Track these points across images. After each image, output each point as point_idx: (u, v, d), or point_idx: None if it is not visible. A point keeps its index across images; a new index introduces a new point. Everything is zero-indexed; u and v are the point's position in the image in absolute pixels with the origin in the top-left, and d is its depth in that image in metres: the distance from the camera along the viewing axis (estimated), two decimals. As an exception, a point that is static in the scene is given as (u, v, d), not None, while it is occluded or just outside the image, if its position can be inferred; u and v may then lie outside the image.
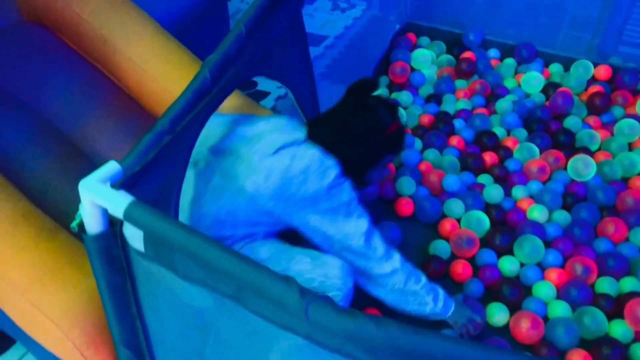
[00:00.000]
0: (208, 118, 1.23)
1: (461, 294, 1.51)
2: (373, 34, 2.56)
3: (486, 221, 1.65)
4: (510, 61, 2.30)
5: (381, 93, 1.42)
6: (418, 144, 1.94)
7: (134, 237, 0.90)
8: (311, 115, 1.75)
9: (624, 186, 1.79)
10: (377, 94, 1.43)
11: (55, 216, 1.29)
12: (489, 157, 1.88)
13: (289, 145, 1.30)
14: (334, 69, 2.40)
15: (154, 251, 0.90)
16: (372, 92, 1.41)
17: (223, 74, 1.20)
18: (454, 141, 1.95)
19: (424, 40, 2.44)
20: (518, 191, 1.76)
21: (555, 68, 2.26)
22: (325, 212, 1.26)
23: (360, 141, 1.36)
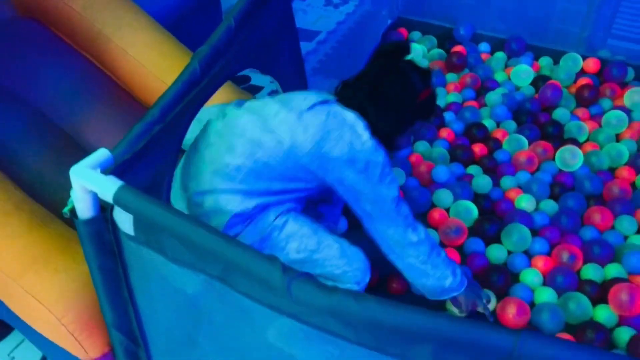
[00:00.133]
0: (199, 108, 1.26)
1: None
2: (365, 29, 2.59)
3: (474, 210, 1.68)
4: (501, 55, 2.33)
5: (414, 57, 1.36)
6: (409, 136, 1.96)
7: (124, 222, 0.93)
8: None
9: (610, 176, 1.82)
10: (409, 58, 1.38)
11: (49, 206, 1.32)
12: (479, 149, 1.91)
13: (323, 103, 1.29)
14: (326, 64, 2.43)
15: (143, 235, 0.92)
16: (404, 55, 1.36)
17: (213, 65, 1.22)
18: (444, 133, 1.98)
19: (415, 34, 2.46)
20: (507, 181, 1.79)
21: (545, 61, 2.29)
22: (360, 171, 1.25)
23: (391, 107, 1.33)
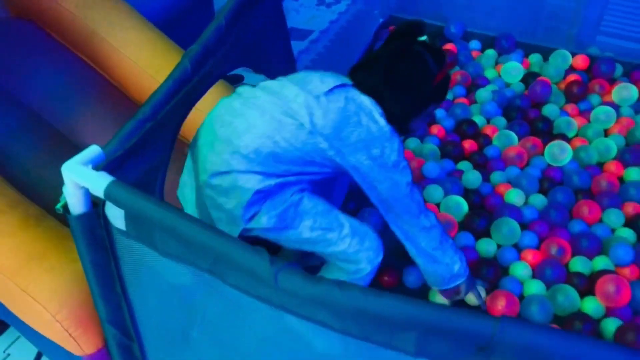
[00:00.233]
0: (192, 106, 1.27)
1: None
2: (357, 28, 2.61)
3: (464, 205, 1.70)
4: (491, 52, 2.35)
5: (426, 38, 1.36)
6: (400, 133, 1.98)
7: (116, 217, 0.95)
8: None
9: (599, 170, 1.85)
10: (422, 39, 1.37)
11: (44, 205, 1.33)
12: (469, 145, 1.93)
13: (341, 87, 1.29)
14: (319, 62, 2.45)
15: (135, 229, 0.94)
16: (419, 36, 1.35)
17: (203, 63, 1.24)
18: (434, 130, 2.00)
19: (407, 33, 2.48)
20: (496, 177, 1.81)
21: (535, 58, 2.31)
22: (375, 158, 1.25)
23: (407, 92, 1.33)
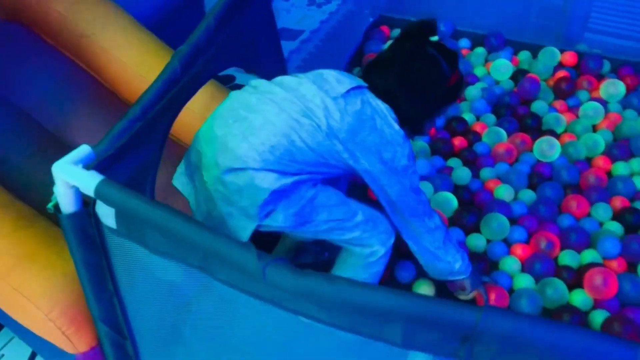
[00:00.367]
0: (182, 106, 1.28)
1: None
2: (348, 27, 2.63)
3: (454, 201, 1.72)
4: (481, 50, 2.37)
5: (439, 38, 1.36)
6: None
7: (107, 215, 0.96)
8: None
9: (587, 165, 1.87)
10: (434, 39, 1.36)
11: (35, 205, 1.34)
12: (458, 142, 1.95)
13: (356, 88, 1.28)
14: (310, 62, 2.46)
15: (125, 227, 0.95)
16: (431, 36, 1.34)
17: (193, 64, 1.25)
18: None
19: (396, 32, 2.50)
20: (486, 173, 1.83)
21: (524, 55, 2.33)
22: (387, 162, 1.26)
23: (421, 93, 1.33)
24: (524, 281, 1.52)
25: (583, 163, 1.87)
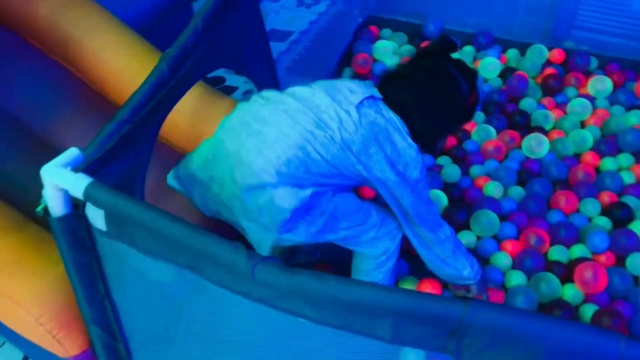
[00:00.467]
0: (171, 108, 1.29)
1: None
2: (337, 28, 2.63)
3: (444, 199, 1.73)
4: (469, 49, 2.38)
5: (460, 56, 1.35)
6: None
7: (96, 217, 0.96)
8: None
9: (575, 161, 1.88)
10: (455, 56, 1.36)
11: (24, 210, 1.34)
12: (448, 140, 1.96)
13: (370, 99, 1.28)
14: (300, 63, 2.46)
15: (115, 229, 0.96)
16: (452, 53, 1.35)
17: (181, 66, 1.26)
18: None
19: (386, 32, 2.51)
20: (475, 170, 1.84)
21: (512, 53, 2.35)
22: (400, 173, 1.26)
23: (438, 113, 1.33)
24: (516, 278, 1.53)
25: (571, 159, 1.89)
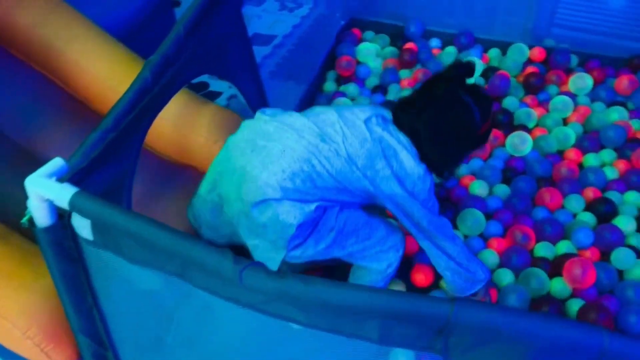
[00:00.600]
0: (155, 115, 1.29)
1: None
2: (320, 31, 2.64)
3: (430, 199, 1.74)
4: (451, 49, 2.40)
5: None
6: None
7: (83, 227, 0.96)
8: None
9: (559, 158, 1.91)
10: (471, 81, 1.35)
11: (8, 222, 1.33)
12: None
13: (379, 116, 1.29)
14: (284, 67, 2.47)
15: (102, 238, 0.95)
16: (468, 78, 1.34)
17: (164, 73, 1.25)
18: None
19: (368, 34, 2.53)
20: (460, 169, 1.86)
21: (494, 53, 2.37)
22: (408, 189, 1.26)
23: (448, 142, 1.33)
24: (505, 275, 1.55)
25: (555, 156, 1.91)
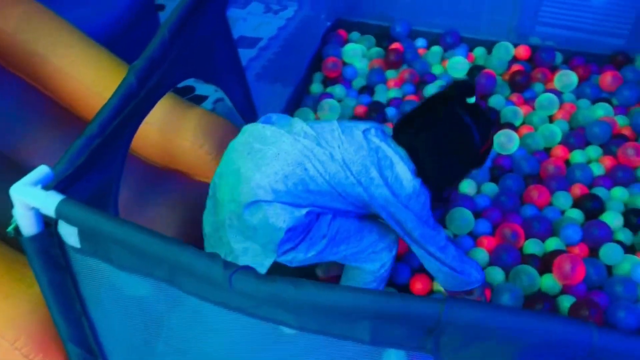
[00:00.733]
0: (141, 120, 1.28)
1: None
2: (305, 32, 2.64)
3: (419, 199, 1.75)
4: (437, 49, 2.41)
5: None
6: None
7: (69, 235, 0.95)
8: (249, 115, 1.81)
9: (546, 155, 1.92)
10: (471, 101, 1.33)
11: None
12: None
13: (378, 129, 1.30)
14: (269, 69, 2.47)
15: (89, 246, 0.94)
16: (469, 97, 1.32)
17: (149, 77, 1.25)
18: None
19: (354, 35, 2.53)
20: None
21: (479, 52, 2.38)
22: (402, 200, 1.25)
23: (446, 162, 1.32)
24: (495, 273, 1.55)
25: (542, 153, 1.92)
